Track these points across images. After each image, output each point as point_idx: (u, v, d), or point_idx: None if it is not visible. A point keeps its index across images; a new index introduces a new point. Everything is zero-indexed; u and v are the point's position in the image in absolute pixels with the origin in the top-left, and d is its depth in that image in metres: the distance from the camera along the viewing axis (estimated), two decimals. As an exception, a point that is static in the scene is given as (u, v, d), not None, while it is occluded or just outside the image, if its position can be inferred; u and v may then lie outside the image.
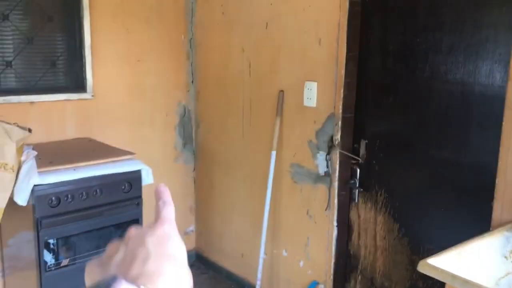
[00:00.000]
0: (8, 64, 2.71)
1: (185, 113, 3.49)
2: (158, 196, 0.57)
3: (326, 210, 2.56)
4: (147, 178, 2.59)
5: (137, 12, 3.13)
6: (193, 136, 3.56)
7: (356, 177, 2.48)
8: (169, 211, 0.56)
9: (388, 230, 2.37)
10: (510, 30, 1.76)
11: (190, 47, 3.42)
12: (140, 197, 2.58)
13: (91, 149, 2.71)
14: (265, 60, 2.83)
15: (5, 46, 2.71)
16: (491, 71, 1.89)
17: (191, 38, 3.41)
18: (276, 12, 2.70)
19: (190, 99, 3.49)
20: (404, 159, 2.26)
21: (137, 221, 2.58)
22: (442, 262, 1.42)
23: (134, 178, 2.54)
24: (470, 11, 1.93)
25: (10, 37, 2.72)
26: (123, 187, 2.51)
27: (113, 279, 0.45)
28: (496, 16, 1.85)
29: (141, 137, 3.29)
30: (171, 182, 3.51)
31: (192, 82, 3.47)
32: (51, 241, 2.32)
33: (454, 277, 1.33)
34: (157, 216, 0.55)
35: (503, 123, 1.78)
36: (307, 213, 2.68)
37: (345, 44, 2.34)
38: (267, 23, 2.77)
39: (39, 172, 2.24)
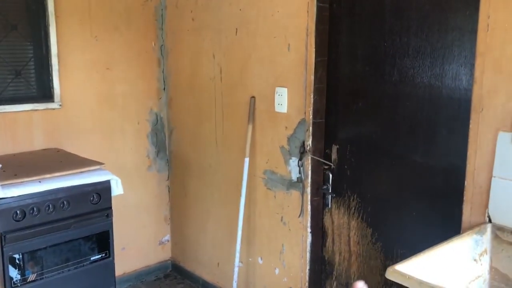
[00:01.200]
0: (-30, 74, 2.64)
1: (158, 121, 3.44)
2: None
3: (299, 216, 2.54)
4: (117, 189, 2.54)
5: (106, 20, 3.08)
6: (166, 144, 3.51)
7: (328, 183, 2.46)
8: None
9: (361, 235, 2.36)
10: (474, 33, 1.77)
11: (161, 54, 3.37)
12: (110, 208, 2.52)
13: (58, 160, 2.64)
14: (236, 66, 2.80)
15: (-34, 55, 2.63)
16: (458, 74, 1.89)
17: (162, 45, 3.36)
18: (245, 18, 2.68)
19: (162, 107, 3.44)
20: (375, 163, 2.25)
21: (107, 233, 2.53)
22: (410, 268, 1.40)
23: (103, 189, 2.48)
24: (436, 14, 1.94)
25: (-28, 47, 2.64)
26: (91, 199, 2.45)
27: None
28: (461, 19, 1.86)
29: (113, 146, 3.23)
30: (144, 192, 3.46)
31: (164, 89, 3.43)
32: (16, 256, 2.24)
33: (421, 283, 1.31)
34: None
35: (470, 125, 1.78)
36: (281, 220, 2.65)
37: (313, 49, 2.32)
38: (236, 29, 2.75)
39: (2, 185, 2.16)
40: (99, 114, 3.14)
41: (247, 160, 2.72)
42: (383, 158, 2.21)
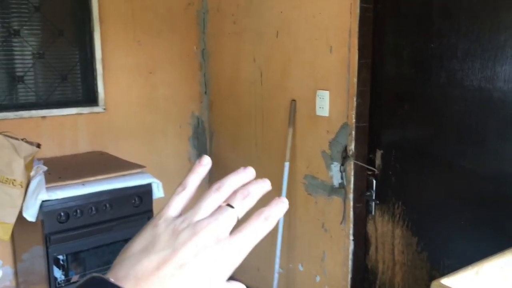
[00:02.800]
0: (20, 79, 2.72)
1: (199, 124, 3.45)
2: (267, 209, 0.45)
3: (341, 223, 2.47)
4: (158, 192, 2.55)
5: (149, 24, 3.11)
6: (207, 147, 3.52)
7: (372, 189, 2.38)
8: (256, 233, 0.44)
9: (406, 244, 2.27)
10: (530, 32, 1.66)
11: (203, 57, 3.38)
12: (150, 211, 2.54)
13: (102, 163, 2.69)
14: (277, 69, 2.77)
15: (16, 61, 2.72)
16: (511, 77, 1.78)
17: (204, 49, 3.37)
18: (286, 20, 2.64)
19: (203, 110, 3.45)
20: (421, 169, 2.16)
21: (148, 235, 2.54)
22: (457, 283, 1.32)
23: (144, 192, 2.50)
24: (487, 13, 1.83)
25: (22, 53, 2.73)
26: (133, 201, 2.48)
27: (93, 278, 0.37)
28: (515, 18, 1.75)
29: (155, 149, 3.26)
30: (185, 194, 3.47)
31: (205, 92, 3.43)
32: (60, 257, 2.30)
33: (470, 300, 1.23)
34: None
35: (525, 131, 1.67)
36: (322, 226, 2.59)
37: (357, 51, 2.26)
38: (277, 32, 2.71)
39: (47, 188, 2.22)
40: (142, 118, 3.18)
41: (287, 164, 2.67)
42: (430, 164, 2.12)
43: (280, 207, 0.46)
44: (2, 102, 2.67)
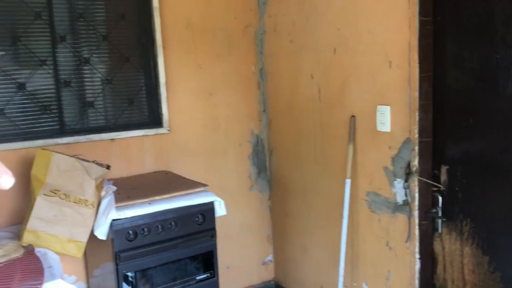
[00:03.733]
0: (90, 104, 2.90)
1: (258, 142, 3.50)
2: None
3: (406, 241, 2.40)
4: (220, 210, 2.60)
5: (209, 48, 3.22)
6: (267, 165, 3.55)
7: (438, 206, 2.30)
8: None
9: (477, 263, 2.16)
10: None
11: (261, 77, 3.44)
12: (214, 228, 2.59)
13: (167, 182, 2.79)
14: (335, 86, 2.76)
15: (87, 87, 2.89)
16: None
17: (261, 68, 3.43)
18: (344, 37, 2.64)
19: (262, 128, 3.50)
20: (490, 184, 2.06)
21: (211, 253, 2.60)
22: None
23: (207, 210, 2.56)
24: (557, 20, 1.75)
25: (91, 79, 2.90)
26: (196, 219, 2.54)
27: None
28: None
29: (216, 168, 3.34)
30: (247, 211, 3.52)
31: (264, 111, 3.48)
32: (129, 273, 2.39)
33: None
34: None
35: None
36: (387, 244, 2.53)
37: (417, 65, 2.21)
38: (335, 49, 2.72)
39: (117, 207, 2.33)
40: (204, 137, 3.27)
41: (348, 181, 2.65)
42: (499, 179, 2.02)
43: None
44: (75, 126, 2.85)
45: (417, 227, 2.34)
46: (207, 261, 2.62)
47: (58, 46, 2.77)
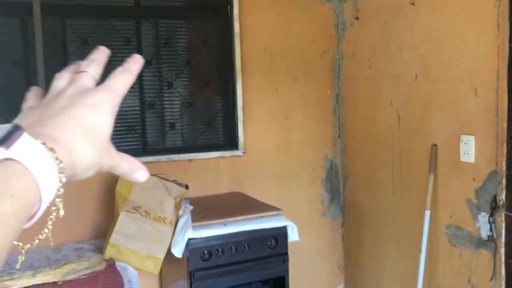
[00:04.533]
0: (172, 126, 3.02)
1: (332, 168, 3.46)
2: (125, 62, 0.53)
3: (491, 279, 2.25)
4: (293, 235, 2.59)
5: (286, 72, 3.26)
6: (341, 191, 3.50)
7: (527, 243, 2.15)
8: (120, 81, 0.51)
9: None
10: None
11: (337, 102, 3.43)
12: (286, 254, 2.57)
13: (240, 204, 2.83)
14: (415, 113, 2.69)
15: (168, 109, 3.03)
16: None
17: (338, 93, 3.42)
18: (426, 63, 2.58)
19: (336, 153, 3.46)
20: None
21: (283, 278, 2.58)
22: None
23: (280, 234, 2.56)
24: None
25: (172, 102, 3.03)
26: (269, 243, 2.54)
27: (16, 128, 0.41)
28: None
29: (289, 191, 3.34)
30: (318, 238, 3.47)
31: (339, 136, 3.45)
32: (202, 293, 2.43)
33: None
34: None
35: None
36: (469, 282, 2.39)
37: (506, 94, 2.11)
38: (416, 75, 2.65)
39: (193, 226, 2.39)
40: (277, 161, 3.29)
41: (427, 213, 2.54)
42: None
43: (135, 61, 0.53)
44: (156, 146, 2.98)
45: (503, 265, 2.20)
46: (278, 286, 2.60)
47: (144, 70, 2.93)
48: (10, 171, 0.39)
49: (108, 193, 2.75)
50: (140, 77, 2.92)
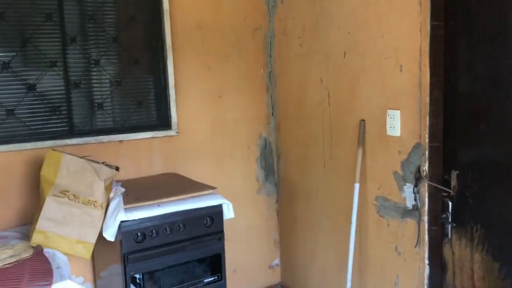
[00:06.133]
0: (100, 106, 2.90)
1: (266, 145, 3.49)
2: None
3: (416, 246, 2.39)
4: (228, 213, 2.60)
5: (218, 50, 3.22)
6: (275, 168, 3.55)
7: (448, 211, 2.29)
8: None
9: (487, 269, 2.14)
10: None
11: (270, 80, 3.44)
12: (222, 231, 2.59)
13: (175, 184, 2.79)
14: (345, 90, 2.76)
15: (96, 89, 2.90)
16: None
17: (270, 72, 3.43)
18: (354, 41, 2.64)
19: (270, 131, 3.50)
20: (502, 190, 2.05)
21: (219, 256, 2.59)
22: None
23: (215, 213, 2.56)
24: None
25: (100, 81, 2.91)
26: (205, 222, 2.54)
27: None
28: None
29: (224, 170, 3.34)
30: (254, 215, 3.51)
31: (273, 114, 3.48)
32: (137, 275, 2.39)
33: None
34: None
35: None
36: (396, 250, 2.51)
37: (428, 70, 2.20)
38: (345, 52, 2.71)
39: (125, 209, 2.33)
40: (212, 140, 3.27)
41: (357, 186, 2.64)
42: (511, 184, 2.00)
43: None
44: (84, 127, 2.86)
45: (426, 232, 2.33)
46: (215, 264, 2.61)
47: (68, 48, 2.79)
48: None
49: (35, 178, 2.61)
50: (64, 55, 2.77)
